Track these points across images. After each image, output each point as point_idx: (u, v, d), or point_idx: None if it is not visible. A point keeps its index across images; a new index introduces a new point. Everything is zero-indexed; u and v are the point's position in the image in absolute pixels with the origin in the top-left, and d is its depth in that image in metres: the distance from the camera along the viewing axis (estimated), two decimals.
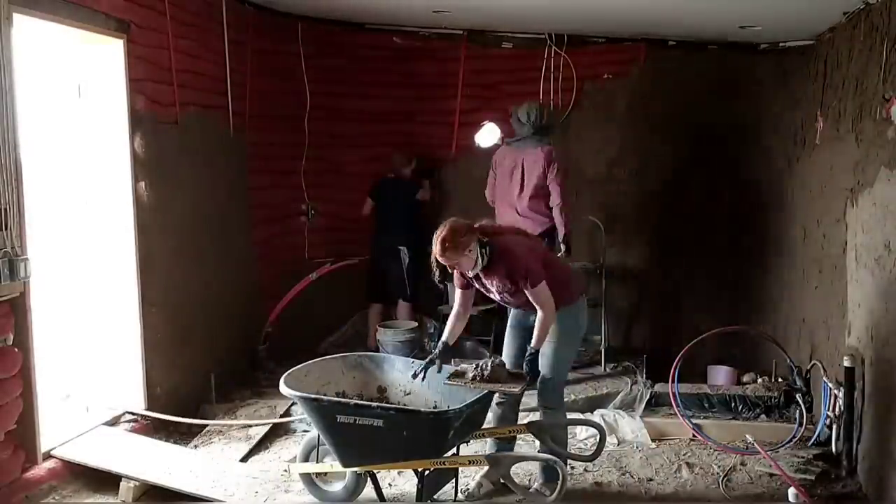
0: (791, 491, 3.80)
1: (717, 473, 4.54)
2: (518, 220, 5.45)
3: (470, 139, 6.74)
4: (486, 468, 3.94)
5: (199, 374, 5.28)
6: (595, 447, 4.11)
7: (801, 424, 5.04)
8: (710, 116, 6.55)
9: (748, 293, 6.59)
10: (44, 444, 4.05)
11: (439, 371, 4.00)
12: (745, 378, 5.97)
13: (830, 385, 4.70)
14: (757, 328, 6.18)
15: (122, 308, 4.78)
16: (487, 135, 6.71)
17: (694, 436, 5.08)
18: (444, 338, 4.11)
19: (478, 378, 3.87)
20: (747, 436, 4.91)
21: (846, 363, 4.40)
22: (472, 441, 4.24)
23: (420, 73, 6.83)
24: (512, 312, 4.34)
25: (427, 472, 3.77)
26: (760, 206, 6.54)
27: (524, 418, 5.00)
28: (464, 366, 4.16)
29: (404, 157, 6.57)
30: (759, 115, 6.45)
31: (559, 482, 3.62)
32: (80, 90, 4.68)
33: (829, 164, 5.14)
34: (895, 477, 3.81)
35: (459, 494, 4.14)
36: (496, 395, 4.06)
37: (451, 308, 4.06)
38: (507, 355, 4.27)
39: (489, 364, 3.92)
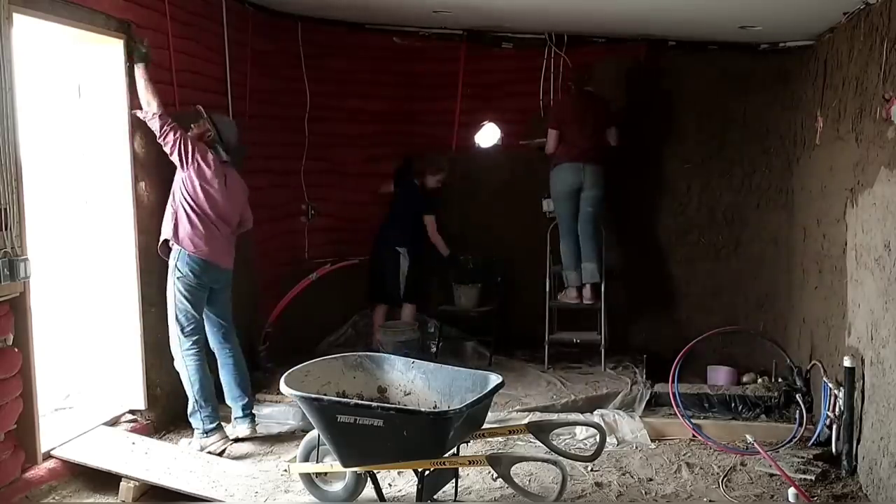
0: (791, 491, 3.80)
1: (717, 473, 4.54)
2: (229, 249, 4.90)
3: (470, 139, 6.77)
4: None
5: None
6: (595, 447, 4.11)
7: (801, 424, 5.04)
8: (710, 116, 6.55)
9: (748, 293, 6.59)
10: (44, 444, 4.05)
11: None
12: (745, 378, 5.98)
13: (830, 385, 4.70)
14: (757, 328, 6.18)
15: (121, 308, 4.78)
16: (487, 135, 6.75)
17: (694, 436, 5.08)
18: None
19: None
20: (747, 436, 4.91)
21: (846, 363, 4.40)
22: (471, 441, 4.24)
23: (420, 73, 6.83)
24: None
25: (427, 472, 3.77)
26: (760, 206, 6.54)
27: (524, 418, 5.02)
28: None
29: (436, 167, 6.56)
30: (759, 115, 6.45)
31: (560, 483, 3.62)
32: (80, 90, 4.68)
33: (829, 164, 5.14)
34: (895, 477, 3.81)
35: (459, 494, 4.14)
36: None
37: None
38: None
39: None
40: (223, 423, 4.79)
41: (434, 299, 6.74)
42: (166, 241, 4.66)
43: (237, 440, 4.84)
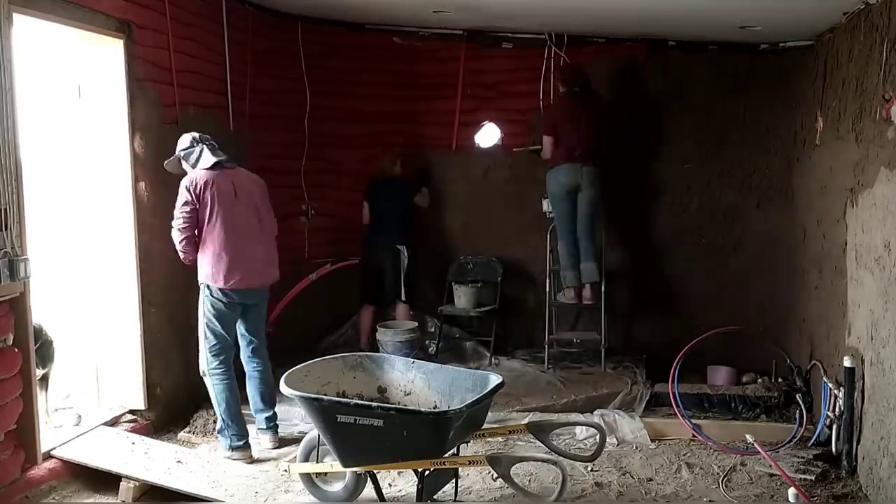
0: (791, 491, 3.80)
1: (717, 473, 4.54)
2: (264, 265, 4.76)
3: (470, 139, 6.77)
4: None
5: (199, 374, 5.27)
6: (595, 447, 4.11)
7: (801, 424, 5.04)
8: (710, 117, 6.55)
9: (748, 293, 6.59)
10: (44, 444, 4.06)
11: None
12: (745, 378, 5.98)
13: (830, 385, 4.70)
14: (757, 328, 6.18)
15: (122, 308, 4.79)
16: (487, 135, 6.75)
17: (694, 436, 5.08)
18: None
19: None
20: (747, 436, 4.90)
21: (846, 363, 4.40)
22: (471, 441, 4.24)
23: (420, 73, 6.83)
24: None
25: (427, 472, 3.77)
26: (760, 206, 6.54)
27: (524, 418, 5.02)
28: None
29: (390, 158, 6.55)
30: (759, 115, 6.45)
31: (560, 483, 3.61)
32: (80, 90, 4.68)
33: (829, 164, 5.14)
34: (895, 477, 3.81)
35: (459, 494, 4.14)
36: None
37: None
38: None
39: None
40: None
41: (434, 299, 6.73)
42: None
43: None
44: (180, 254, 4.56)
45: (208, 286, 4.56)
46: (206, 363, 4.64)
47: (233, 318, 4.67)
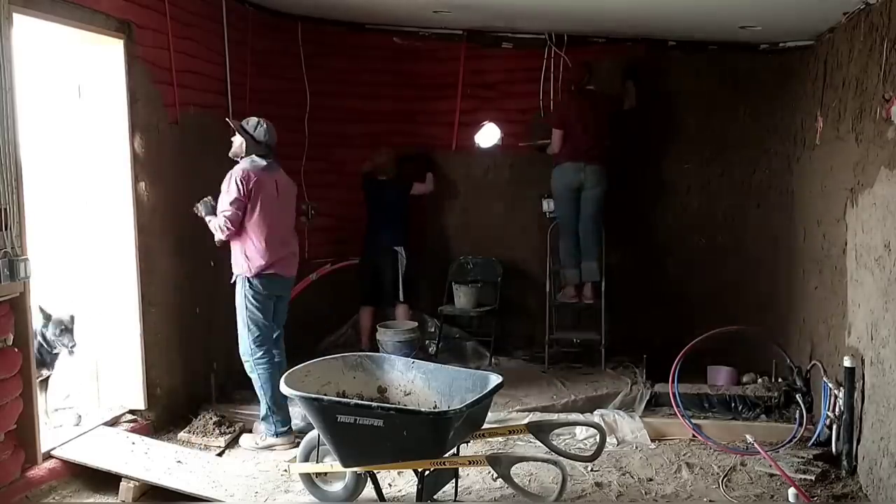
0: (791, 491, 3.80)
1: (717, 473, 4.54)
2: (294, 258, 5.04)
3: (470, 139, 6.77)
4: None
5: (199, 374, 5.29)
6: (595, 447, 4.11)
7: (801, 424, 5.04)
8: (710, 117, 6.55)
9: (748, 293, 6.59)
10: (44, 444, 4.06)
11: None
12: (745, 378, 5.97)
13: (830, 385, 4.70)
14: (757, 328, 6.18)
15: (122, 308, 4.78)
16: (487, 135, 6.75)
17: (694, 436, 5.08)
18: None
19: None
20: (747, 436, 4.91)
21: (846, 363, 4.40)
22: (471, 441, 4.24)
23: (420, 73, 6.83)
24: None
25: (427, 472, 3.78)
26: (760, 206, 6.53)
27: (524, 418, 5.02)
28: None
29: (386, 156, 6.52)
30: (759, 115, 6.45)
31: (560, 483, 3.62)
32: (80, 90, 4.68)
33: (829, 164, 5.14)
34: (895, 477, 3.81)
35: (459, 494, 4.14)
36: None
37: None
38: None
39: None
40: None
41: (434, 299, 6.73)
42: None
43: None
44: (221, 235, 4.73)
45: (248, 279, 4.74)
46: (251, 353, 4.78)
47: (270, 306, 4.86)
